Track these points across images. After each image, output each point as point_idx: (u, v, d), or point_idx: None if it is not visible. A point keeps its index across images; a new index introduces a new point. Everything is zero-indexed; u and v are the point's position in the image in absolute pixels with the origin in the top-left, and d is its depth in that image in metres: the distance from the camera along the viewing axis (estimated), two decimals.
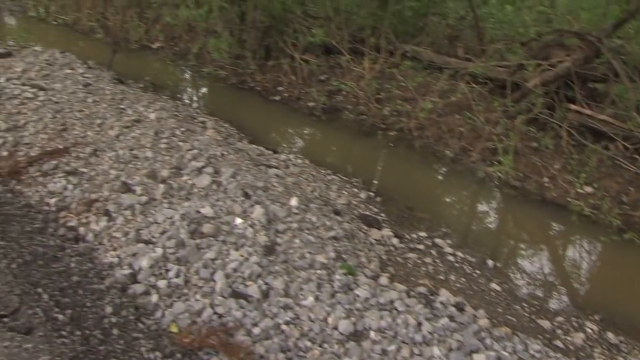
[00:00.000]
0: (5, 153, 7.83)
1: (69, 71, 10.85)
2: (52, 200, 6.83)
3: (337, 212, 6.98)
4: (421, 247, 6.83)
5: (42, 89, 9.59)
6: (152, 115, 9.00)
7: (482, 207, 8.42)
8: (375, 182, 8.38)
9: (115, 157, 7.66)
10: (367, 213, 7.35)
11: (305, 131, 10.17)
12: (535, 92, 9.15)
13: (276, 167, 7.96)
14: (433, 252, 6.75)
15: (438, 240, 6.98)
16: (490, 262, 6.76)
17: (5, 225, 6.06)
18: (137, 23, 14.25)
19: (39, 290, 4.96)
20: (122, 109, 9.31)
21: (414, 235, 7.06)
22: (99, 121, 8.69)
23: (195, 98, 11.56)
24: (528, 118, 9.09)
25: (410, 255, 6.60)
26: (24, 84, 9.68)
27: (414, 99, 10.08)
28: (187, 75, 12.69)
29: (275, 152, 8.78)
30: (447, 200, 8.47)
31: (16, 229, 6.08)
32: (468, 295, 6.02)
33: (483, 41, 11.44)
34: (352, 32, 11.83)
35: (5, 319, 4.47)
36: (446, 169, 9.02)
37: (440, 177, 8.98)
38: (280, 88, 11.13)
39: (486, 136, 9.09)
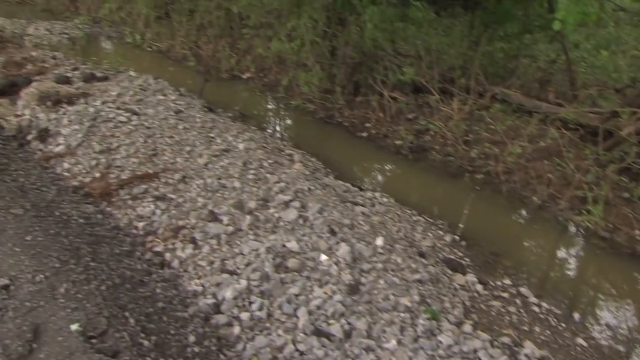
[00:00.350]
0: (97, 174, 8.06)
1: (161, 97, 11.10)
2: (141, 224, 6.98)
3: (422, 255, 6.93)
4: (505, 295, 6.70)
5: (135, 113, 9.84)
6: (241, 146, 9.13)
7: (569, 257, 8.20)
8: (460, 225, 8.29)
9: (204, 185, 7.79)
10: (452, 257, 7.27)
11: (391, 169, 10.15)
12: (629, 141, 8.91)
13: (362, 205, 7.95)
14: (518, 301, 6.61)
15: (523, 289, 6.84)
16: (576, 315, 6.59)
17: (96, 247, 6.21)
18: (229, 53, 14.56)
19: (126, 314, 5.06)
20: (212, 137, 9.46)
21: (499, 283, 6.94)
22: (188, 148, 8.87)
23: (283, 130, 11.67)
24: (620, 167, 8.85)
25: (495, 303, 6.48)
26: (118, 108, 9.95)
27: (502, 143, 9.96)
28: (275, 107, 12.84)
29: (361, 189, 8.78)
30: (533, 248, 8.29)
31: (106, 251, 6.22)
32: (553, 349, 5.87)
33: (575, 86, 11.22)
34: (442, 72, 11.79)
35: (94, 340, 4.58)
36: (533, 215, 8.84)
37: (526, 224, 8.81)
38: (367, 124, 11.16)
39: (575, 184, 8.89)
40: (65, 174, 8.08)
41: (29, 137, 9.04)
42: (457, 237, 7.85)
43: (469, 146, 10.12)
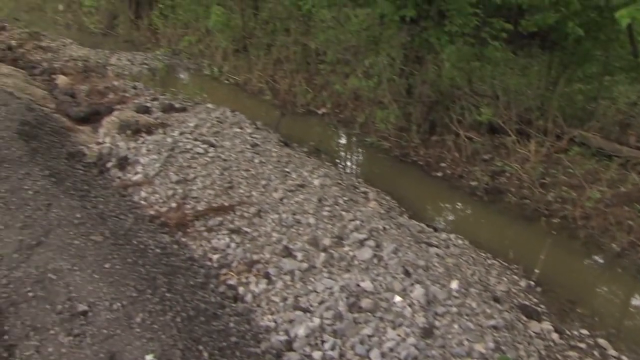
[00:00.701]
0: (174, 204, 8.22)
1: (238, 130, 11.26)
2: (215, 257, 7.08)
3: (496, 300, 6.84)
4: (582, 345, 6.54)
5: (212, 145, 10.02)
6: (316, 181, 9.20)
7: None
8: (535, 270, 8.15)
9: (278, 220, 7.86)
10: (527, 303, 7.15)
11: (466, 211, 10.07)
12: None
13: (436, 246, 7.90)
14: (595, 352, 6.44)
15: (601, 341, 6.66)
16: None
17: (171, 277, 6.31)
18: (305, 88, 14.72)
19: (200, 347, 5.12)
20: (287, 172, 9.55)
21: (575, 332, 6.78)
22: (264, 182, 8.98)
23: (357, 167, 11.71)
24: None
25: (571, 353, 6.34)
26: (196, 139, 10.15)
27: (580, 187, 9.78)
28: (350, 144, 12.90)
29: (435, 229, 8.73)
30: (612, 297, 8.08)
31: (181, 282, 6.32)
32: None
33: None
34: (519, 113, 11.68)
35: None
36: (611, 263, 8.61)
37: (604, 272, 8.59)
38: (442, 164, 11.11)
39: None
40: (143, 202, 8.27)
41: (109, 165, 9.28)
42: (532, 283, 7.72)
43: (545, 189, 9.97)
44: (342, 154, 12.59)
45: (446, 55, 11.59)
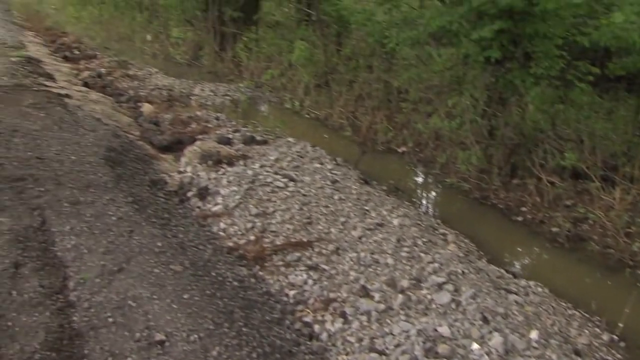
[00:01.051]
0: (252, 237, 8.33)
1: (318, 165, 11.36)
2: (292, 292, 7.13)
3: (577, 353, 6.66)
4: None
5: (292, 179, 10.13)
6: (395, 221, 9.19)
7: None
8: (619, 324, 7.91)
9: (356, 259, 7.88)
10: (609, 358, 6.94)
11: (546, 258, 9.85)
12: None
13: (516, 293, 7.75)
14: None
15: None
16: None
17: (248, 311, 6.39)
18: (386, 126, 14.74)
19: None
20: (366, 210, 9.58)
21: None
22: (342, 219, 9.02)
23: (436, 208, 11.64)
24: None
25: None
26: (276, 173, 10.29)
27: None
28: (430, 184, 12.85)
29: (515, 276, 8.57)
30: None
31: (257, 317, 6.38)
32: None
33: None
34: (604, 158, 11.43)
35: None
36: None
37: None
38: (523, 208, 10.92)
39: None
40: (221, 233, 8.41)
41: (189, 194, 9.49)
42: (615, 337, 7.46)
43: (631, 239, 9.68)
44: (422, 193, 12.55)
45: (530, 97, 11.47)
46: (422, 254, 8.10)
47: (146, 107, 14.76)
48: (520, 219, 10.67)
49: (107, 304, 5.71)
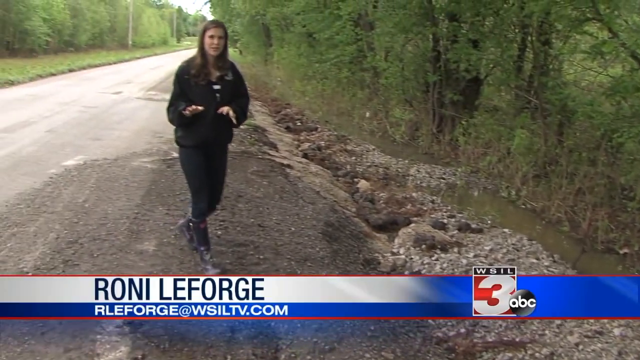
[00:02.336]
0: (463, 330, 8.03)
1: (534, 261, 10.89)
2: None
3: None
4: None
5: None
6: (616, 331, 8.51)
7: None
8: None
9: None
10: None
11: None
12: None
13: None
14: None
15: None
16: None
17: None
18: (608, 224, 13.91)
19: None
20: None
21: None
22: (557, 322, 8.51)
23: None
24: None
25: None
26: (490, 264, 9.94)
27: None
28: None
29: None
30: None
31: None
32: None
33: None
34: None
35: None
36: None
37: None
38: None
39: None
40: (430, 322, 8.19)
41: None
42: None
43: None
44: None
45: None
46: None
47: (362, 184, 14.98)
48: None
49: None
